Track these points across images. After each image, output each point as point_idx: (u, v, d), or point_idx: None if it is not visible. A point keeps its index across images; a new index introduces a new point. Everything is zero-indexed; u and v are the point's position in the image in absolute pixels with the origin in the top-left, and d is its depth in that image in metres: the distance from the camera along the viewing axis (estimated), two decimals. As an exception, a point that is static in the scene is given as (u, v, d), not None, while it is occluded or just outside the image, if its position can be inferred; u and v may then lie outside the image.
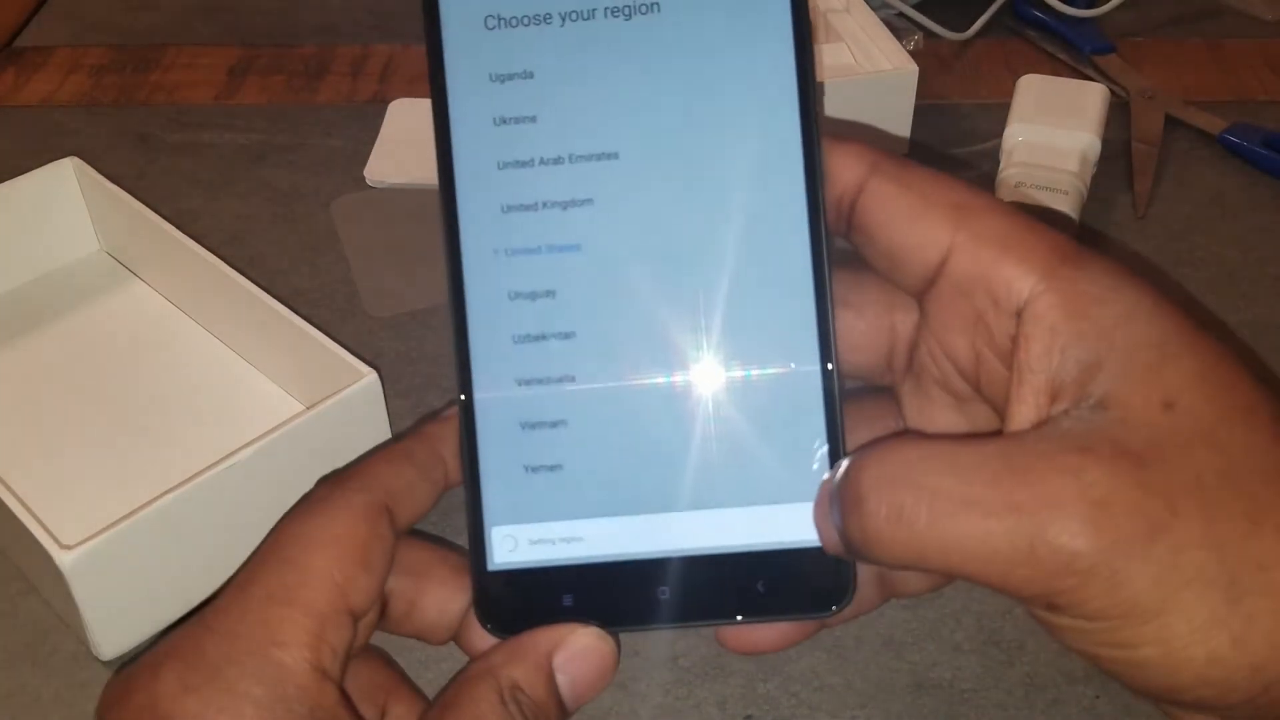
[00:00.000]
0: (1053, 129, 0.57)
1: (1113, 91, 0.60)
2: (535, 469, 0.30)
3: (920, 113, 0.60)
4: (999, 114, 0.59)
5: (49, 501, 0.42)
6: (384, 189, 0.61)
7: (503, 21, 0.30)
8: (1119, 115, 0.63)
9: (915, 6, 0.71)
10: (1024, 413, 0.27)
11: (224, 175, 0.62)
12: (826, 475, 0.29)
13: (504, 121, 0.30)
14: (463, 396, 0.30)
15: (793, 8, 0.30)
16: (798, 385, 0.30)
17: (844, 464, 0.28)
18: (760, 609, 0.30)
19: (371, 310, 0.54)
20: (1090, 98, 0.58)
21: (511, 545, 0.30)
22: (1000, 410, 0.28)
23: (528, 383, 0.30)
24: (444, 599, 0.31)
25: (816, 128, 0.30)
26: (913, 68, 0.59)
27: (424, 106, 0.65)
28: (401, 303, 0.54)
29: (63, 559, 0.37)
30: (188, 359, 0.51)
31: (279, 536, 0.29)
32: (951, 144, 0.63)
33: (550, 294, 0.30)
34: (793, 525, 0.30)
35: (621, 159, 0.30)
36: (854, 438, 0.30)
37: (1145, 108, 0.64)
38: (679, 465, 0.30)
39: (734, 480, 0.30)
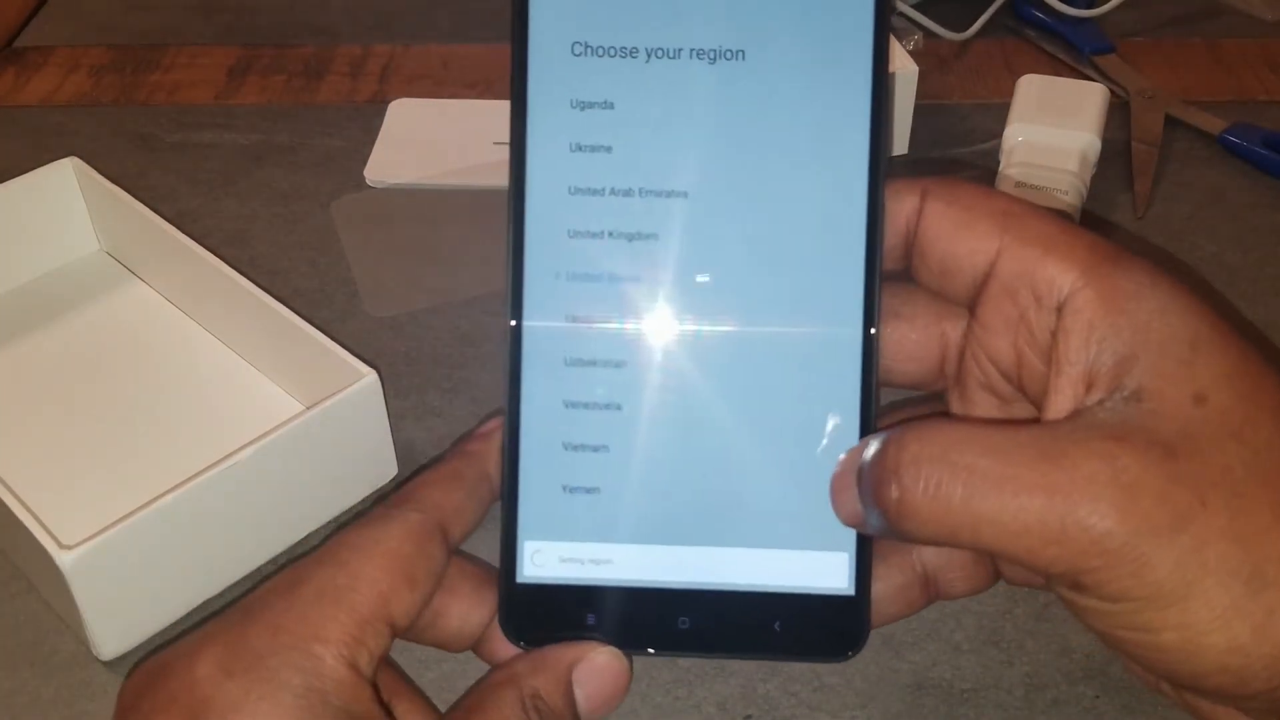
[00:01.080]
0: (1053, 129, 0.57)
1: (1113, 91, 0.60)
2: (573, 489, 0.31)
3: (920, 113, 0.60)
4: (999, 114, 0.59)
5: (49, 501, 0.43)
6: (384, 189, 0.61)
7: (589, 50, 0.31)
8: (1119, 115, 0.63)
9: (915, 6, 0.71)
10: (1060, 402, 0.27)
11: (224, 175, 0.62)
12: (852, 448, 0.30)
13: (580, 148, 0.31)
14: (510, 412, 0.31)
15: (874, 71, 0.30)
16: (837, 440, 0.31)
17: (877, 440, 0.28)
18: (774, 648, 0.31)
19: (371, 310, 0.54)
20: (1090, 98, 0.58)
21: (542, 560, 0.31)
22: (1039, 406, 0.28)
23: (575, 405, 0.31)
24: (465, 612, 0.32)
25: (883, 188, 0.30)
26: (913, 68, 0.59)
27: (424, 106, 0.66)
28: (401, 303, 0.54)
29: (63, 559, 0.37)
30: (188, 359, 0.51)
31: (335, 543, 0.30)
32: (951, 144, 0.63)
33: (606, 321, 0.31)
34: (816, 571, 0.31)
35: (691, 199, 0.31)
36: None
37: (1145, 108, 0.64)
38: (712, 502, 0.31)
39: (764, 523, 0.31)
